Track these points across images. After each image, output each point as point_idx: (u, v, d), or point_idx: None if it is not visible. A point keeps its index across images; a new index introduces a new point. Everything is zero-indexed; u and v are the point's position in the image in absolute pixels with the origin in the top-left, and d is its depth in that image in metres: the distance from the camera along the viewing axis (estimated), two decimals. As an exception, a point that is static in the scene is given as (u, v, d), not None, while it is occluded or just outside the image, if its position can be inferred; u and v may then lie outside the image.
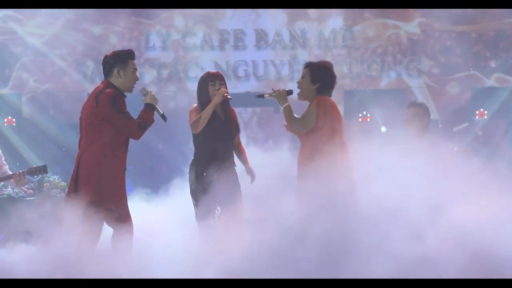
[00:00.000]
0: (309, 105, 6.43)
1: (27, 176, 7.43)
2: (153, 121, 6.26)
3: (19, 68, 12.95)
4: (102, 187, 6.01)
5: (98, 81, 6.38)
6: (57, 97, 12.90)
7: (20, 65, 12.94)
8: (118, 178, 6.13)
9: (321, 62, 6.67)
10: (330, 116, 6.29)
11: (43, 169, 7.43)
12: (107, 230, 6.00)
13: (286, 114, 6.37)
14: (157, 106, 6.30)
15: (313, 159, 5.97)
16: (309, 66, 6.55)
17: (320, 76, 6.46)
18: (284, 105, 6.40)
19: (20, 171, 7.37)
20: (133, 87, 6.32)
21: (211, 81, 6.81)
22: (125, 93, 6.27)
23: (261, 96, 6.65)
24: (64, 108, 12.63)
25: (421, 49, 13.02)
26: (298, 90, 6.54)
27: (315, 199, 5.10)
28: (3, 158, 7.67)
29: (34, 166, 7.57)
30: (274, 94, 6.48)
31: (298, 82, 6.56)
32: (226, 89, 6.77)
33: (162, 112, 6.32)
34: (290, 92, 6.54)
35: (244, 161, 6.94)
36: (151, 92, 6.35)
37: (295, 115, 6.40)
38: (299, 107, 6.58)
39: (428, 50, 13.02)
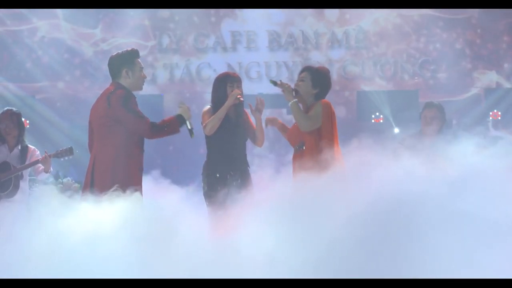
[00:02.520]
0: (312, 106, 6.45)
1: (53, 158, 7.60)
2: (177, 131, 6.22)
3: (33, 69, 13.02)
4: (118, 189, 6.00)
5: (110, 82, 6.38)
6: (71, 98, 12.94)
7: (33, 67, 13.01)
8: (134, 178, 6.12)
9: (321, 67, 6.73)
10: (332, 120, 6.39)
11: (69, 151, 7.57)
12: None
13: (294, 109, 6.40)
14: (187, 121, 6.25)
15: (313, 160, 5.99)
16: (309, 70, 6.59)
17: (320, 81, 6.52)
18: (292, 101, 6.43)
19: (47, 154, 7.51)
20: (142, 85, 6.33)
21: (230, 82, 6.81)
22: (135, 93, 6.26)
23: (274, 82, 6.62)
24: (78, 110, 12.68)
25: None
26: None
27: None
28: (38, 152, 7.79)
29: (60, 149, 7.69)
30: (285, 86, 6.49)
31: (296, 85, 6.56)
32: (242, 92, 6.78)
33: (190, 127, 6.25)
34: (296, 92, 6.54)
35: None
36: (187, 106, 6.32)
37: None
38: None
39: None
